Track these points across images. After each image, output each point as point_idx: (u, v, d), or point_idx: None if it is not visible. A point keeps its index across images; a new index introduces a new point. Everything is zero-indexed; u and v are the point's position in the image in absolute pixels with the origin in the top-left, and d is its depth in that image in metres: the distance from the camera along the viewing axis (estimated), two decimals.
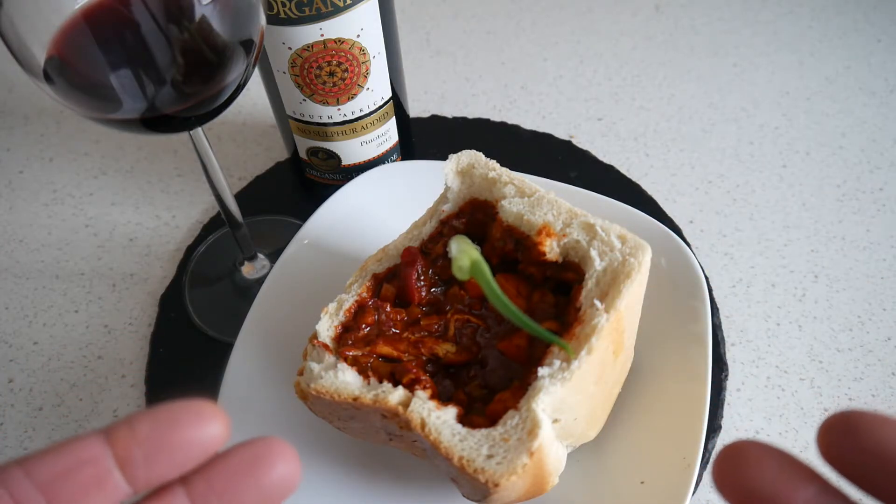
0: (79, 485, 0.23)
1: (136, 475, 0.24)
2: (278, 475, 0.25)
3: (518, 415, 0.43)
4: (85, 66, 0.46)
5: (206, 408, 0.25)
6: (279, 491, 0.25)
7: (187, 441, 0.24)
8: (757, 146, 0.81)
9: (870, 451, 0.23)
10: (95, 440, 0.24)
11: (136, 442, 0.24)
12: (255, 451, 0.25)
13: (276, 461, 0.25)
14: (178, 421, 0.24)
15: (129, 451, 0.24)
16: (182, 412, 0.24)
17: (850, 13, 0.93)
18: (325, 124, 0.66)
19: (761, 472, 0.24)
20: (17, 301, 0.74)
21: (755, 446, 0.25)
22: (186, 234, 0.78)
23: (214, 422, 0.25)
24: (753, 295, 0.70)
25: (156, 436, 0.24)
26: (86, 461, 0.24)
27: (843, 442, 0.23)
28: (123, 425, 0.24)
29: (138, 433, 0.24)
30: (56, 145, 0.87)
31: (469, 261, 0.45)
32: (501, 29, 0.96)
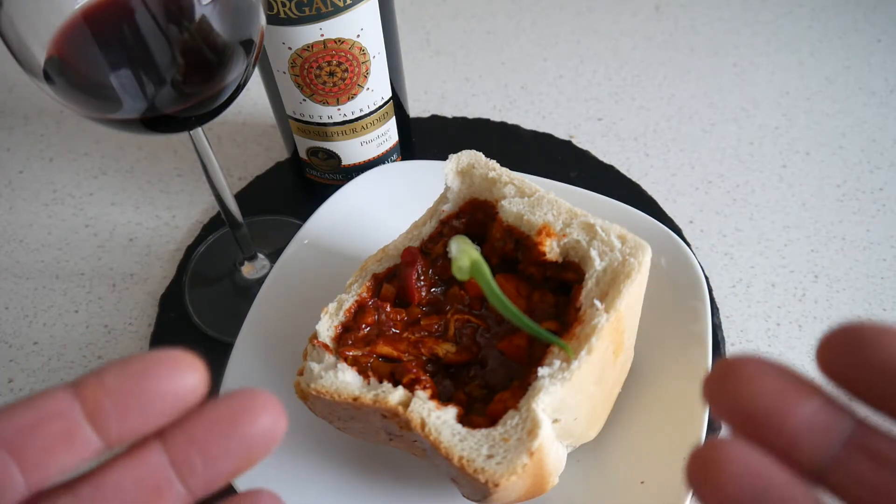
0: (46, 439, 0.22)
1: (107, 429, 0.22)
2: (262, 427, 0.23)
3: (518, 415, 0.43)
4: (85, 66, 0.46)
5: (181, 357, 0.23)
6: (264, 443, 0.24)
7: (162, 392, 0.23)
8: (757, 146, 0.81)
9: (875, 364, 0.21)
10: (63, 393, 0.22)
11: (106, 394, 0.22)
12: (238, 403, 0.24)
13: (259, 412, 0.23)
14: (151, 371, 0.23)
15: (99, 404, 0.22)
16: (155, 362, 0.23)
17: (850, 13, 0.93)
18: (325, 124, 0.66)
19: (756, 387, 0.22)
20: (17, 301, 0.74)
21: (750, 361, 0.23)
22: (186, 234, 0.78)
23: (191, 372, 0.23)
24: (753, 295, 0.70)
25: (127, 387, 0.22)
26: (53, 415, 0.22)
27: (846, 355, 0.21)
28: (92, 377, 0.23)
29: (108, 385, 0.22)
30: (56, 145, 0.87)
31: (469, 261, 0.45)
32: (501, 29, 0.96)
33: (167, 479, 0.23)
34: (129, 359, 0.23)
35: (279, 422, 0.24)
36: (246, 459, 0.24)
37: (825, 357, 0.22)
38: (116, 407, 0.22)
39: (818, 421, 0.22)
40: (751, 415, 0.22)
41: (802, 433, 0.22)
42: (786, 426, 0.22)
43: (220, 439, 0.23)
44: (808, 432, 0.22)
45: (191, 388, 0.23)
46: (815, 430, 0.22)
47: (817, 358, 0.22)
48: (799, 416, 0.22)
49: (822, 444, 0.22)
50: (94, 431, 0.22)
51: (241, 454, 0.23)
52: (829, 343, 0.22)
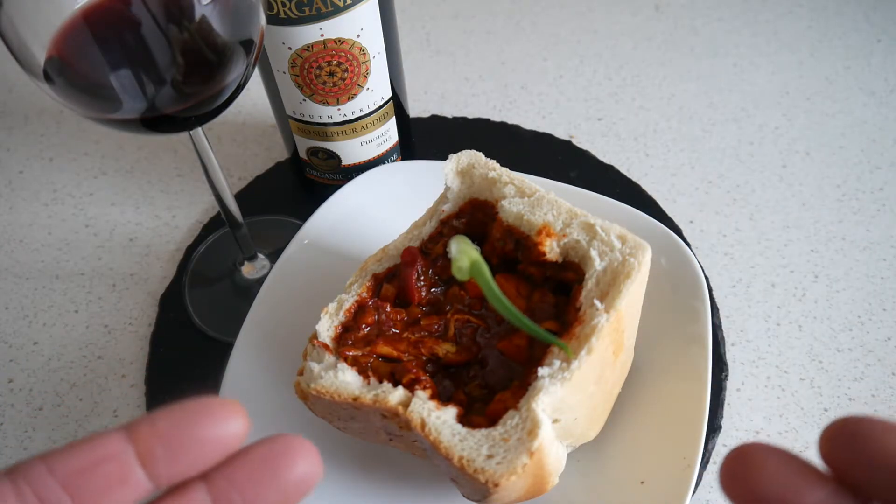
0: (102, 480, 0.23)
1: (157, 471, 0.24)
2: (299, 472, 0.25)
3: (518, 415, 0.43)
4: (85, 66, 0.46)
5: (226, 405, 0.25)
6: (300, 488, 0.25)
7: (208, 437, 0.24)
8: (757, 146, 0.81)
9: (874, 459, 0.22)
10: (117, 437, 0.24)
11: (158, 438, 0.24)
12: (277, 448, 0.25)
13: (297, 458, 0.25)
14: (199, 417, 0.24)
15: (151, 448, 0.24)
16: (203, 409, 0.24)
17: (850, 13, 0.93)
18: (325, 124, 0.66)
19: (769, 475, 0.24)
20: (17, 301, 0.74)
21: (763, 449, 0.24)
22: (186, 234, 0.78)
23: (235, 418, 0.25)
24: (753, 295, 0.70)
25: (177, 432, 0.24)
26: (108, 457, 0.24)
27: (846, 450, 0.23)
28: (145, 422, 0.24)
29: (160, 429, 0.24)
30: (56, 145, 0.87)
31: (468, 261, 0.45)
32: (501, 29, 0.96)
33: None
34: (179, 405, 0.25)
35: (315, 468, 0.26)
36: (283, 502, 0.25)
37: (827, 449, 0.23)
38: (166, 451, 0.24)
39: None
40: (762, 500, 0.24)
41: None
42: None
43: (259, 482, 0.25)
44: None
45: (234, 434, 0.25)
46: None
47: (820, 450, 0.24)
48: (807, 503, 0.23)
49: None
50: (145, 473, 0.24)
51: (278, 497, 0.25)
52: (829, 436, 0.23)
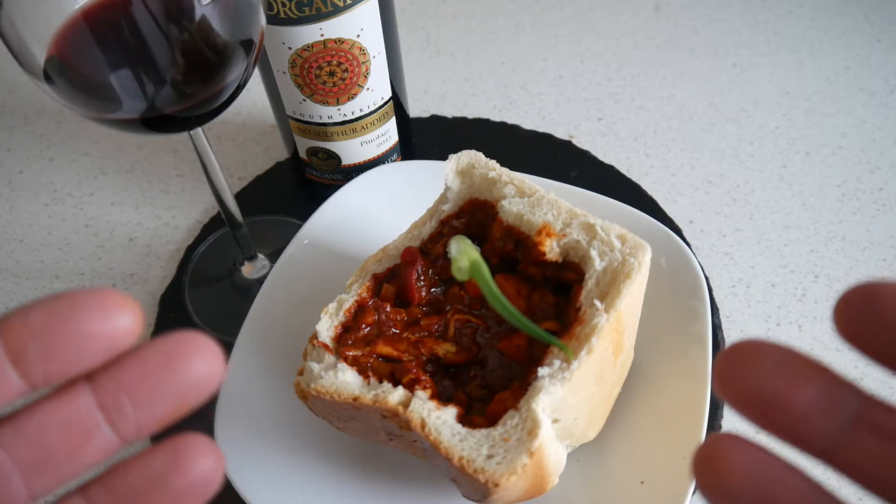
0: None
1: (31, 370, 0.21)
2: (198, 371, 0.22)
3: (518, 415, 0.43)
4: (85, 66, 0.46)
5: (112, 296, 0.22)
6: (198, 387, 0.23)
7: (90, 333, 0.21)
8: (757, 146, 0.81)
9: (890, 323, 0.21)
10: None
11: (30, 333, 0.21)
12: (171, 345, 0.22)
13: (195, 356, 0.22)
14: (79, 311, 0.21)
15: (23, 344, 0.21)
16: (84, 300, 0.21)
17: (850, 13, 0.93)
18: (325, 124, 0.66)
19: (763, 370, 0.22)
20: (17, 301, 0.74)
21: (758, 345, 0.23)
22: (186, 234, 0.78)
23: (123, 312, 0.22)
24: (753, 295, 0.70)
25: (53, 326, 0.21)
26: None
27: (864, 315, 0.21)
28: (16, 315, 0.21)
29: (32, 324, 0.21)
30: (56, 145, 0.87)
31: (468, 261, 0.45)
32: (501, 29, 0.96)
33: (94, 422, 0.22)
34: (56, 296, 0.22)
35: (215, 367, 0.23)
36: (180, 404, 0.23)
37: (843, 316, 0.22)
38: (41, 347, 0.21)
39: (825, 401, 0.22)
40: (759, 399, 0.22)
41: (810, 414, 0.22)
42: (793, 408, 0.22)
43: (152, 382, 0.22)
44: (815, 413, 0.22)
45: (123, 330, 0.22)
46: (822, 411, 0.22)
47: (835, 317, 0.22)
48: (806, 398, 0.22)
49: (829, 423, 0.22)
50: (16, 372, 0.21)
51: (174, 398, 0.22)
52: (847, 302, 0.22)
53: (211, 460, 0.23)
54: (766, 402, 0.22)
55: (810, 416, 0.22)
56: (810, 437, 0.22)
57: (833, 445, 0.22)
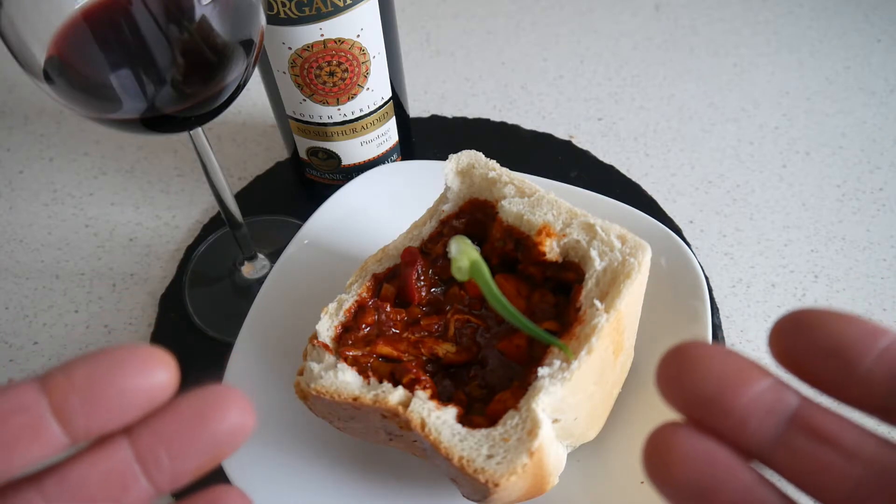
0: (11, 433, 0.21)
1: (73, 424, 0.22)
2: (230, 424, 0.23)
3: (518, 415, 0.43)
4: (85, 66, 0.46)
5: (150, 353, 0.23)
6: (231, 440, 0.23)
7: (130, 389, 0.22)
8: (757, 146, 0.81)
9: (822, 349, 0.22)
10: (29, 387, 0.22)
11: (74, 389, 0.22)
12: (206, 399, 0.23)
13: (228, 409, 0.23)
14: (120, 367, 0.22)
15: (66, 399, 0.22)
16: (124, 357, 0.22)
17: (850, 13, 0.93)
18: (325, 124, 0.66)
19: (705, 372, 0.22)
20: (17, 301, 0.74)
21: (699, 347, 0.23)
22: (186, 234, 0.78)
23: (160, 369, 0.23)
24: (753, 295, 0.70)
25: (95, 383, 0.22)
26: (18, 409, 0.22)
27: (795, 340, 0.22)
28: (59, 372, 0.22)
29: (75, 380, 0.22)
30: (56, 145, 0.87)
31: (468, 261, 0.45)
32: (501, 29, 0.96)
33: (133, 473, 0.23)
34: (98, 352, 0.22)
35: (247, 419, 0.24)
36: (213, 456, 0.23)
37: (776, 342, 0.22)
38: (83, 402, 0.22)
39: (763, 402, 0.22)
40: (700, 400, 0.22)
41: (749, 415, 0.22)
42: (733, 409, 0.22)
43: (187, 435, 0.23)
44: (753, 413, 0.22)
45: (160, 386, 0.23)
46: (760, 411, 0.22)
47: (769, 343, 0.23)
48: (745, 399, 0.22)
49: (767, 424, 0.22)
50: (59, 426, 0.22)
51: (208, 450, 0.23)
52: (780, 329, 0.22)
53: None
54: (706, 404, 0.22)
55: (750, 416, 0.22)
56: (749, 437, 0.22)
57: (770, 446, 0.22)
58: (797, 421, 0.22)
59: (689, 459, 0.22)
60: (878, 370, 0.21)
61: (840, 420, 0.22)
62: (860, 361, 0.21)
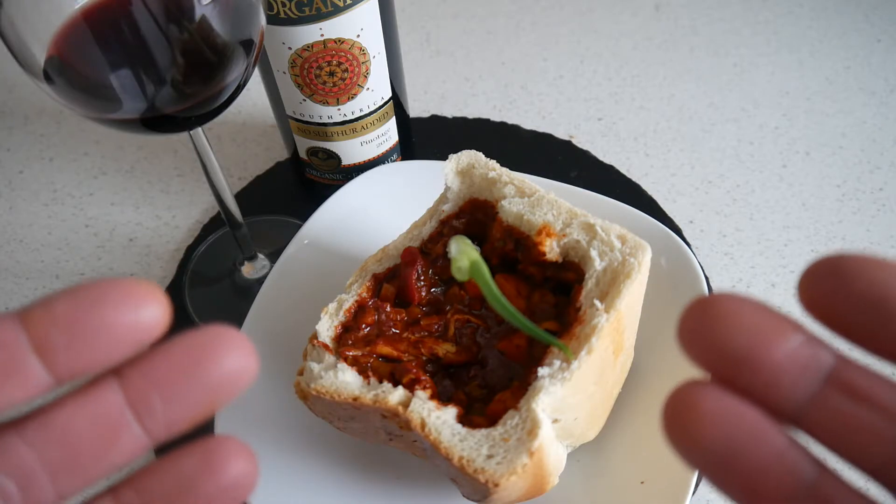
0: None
1: (56, 362, 0.20)
2: (229, 367, 0.22)
3: (518, 415, 0.43)
4: (85, 66, 0.46)
5: (138, 286, 0.21)
6: (230, 385, 0.22)
7: (117, 324, 0.20)
8: (757, 146, 0.81)
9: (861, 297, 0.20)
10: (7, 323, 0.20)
11: (56, 324, 0.20)
12: (202, 340, 0.22)
13: (227, 351, 0.22)
14: (106, 300, 0.20)
15: (48, 335, 0.20)
16: (110, 290, 0.20)
17: (850, 13, 0.93)
18: (325, 124, 0.66)
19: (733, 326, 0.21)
20: (17, 301, 0.74)
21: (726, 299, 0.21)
22: (186, 234, 0.78)
23: (150, 303, 0.21)
24: (753, 295, 0.70)
25: (78, 317, 0.20)
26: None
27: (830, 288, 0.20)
28: (40, 306, 0.20)
29: (57, 314, 0.20)
30: (56, 145, 0.87)
31: (468, 262, 0.45)
32: (501, 29, 0.96)
33: (123, 419, 0.21)
34: (81, 286, 0.21)
35: (249, 362, 0.22)
36: (211, 402, 0.22)
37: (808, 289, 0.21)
38: (66, 338, 0.20)
39: (798, 359, 0.21)
40: (728, 355, 0.21)
41: (782, 372, 0.21)
42: (764, 366, 0.21)
43: (182, 378, 0.21)
44: (787, 371, 0.21)
45: (150, 321, 0.21)
46: (794, 369, 0.21)
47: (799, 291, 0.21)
48: (778, 355, 0.21)
49: (801, 382, 0.21)
50: (42, 364, 0.20)
51: (205, 396, 0.22)
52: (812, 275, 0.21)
53: (244, 462, 0.22)
54: (735, 359, 0.21)
55: (782, 374, 0.21)
56: (781, 396, 0.21)
57: (804, 406, 0.21)
58: (834, 380, 0.21)
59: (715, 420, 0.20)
60: None
61: (880, 379, 0.20)
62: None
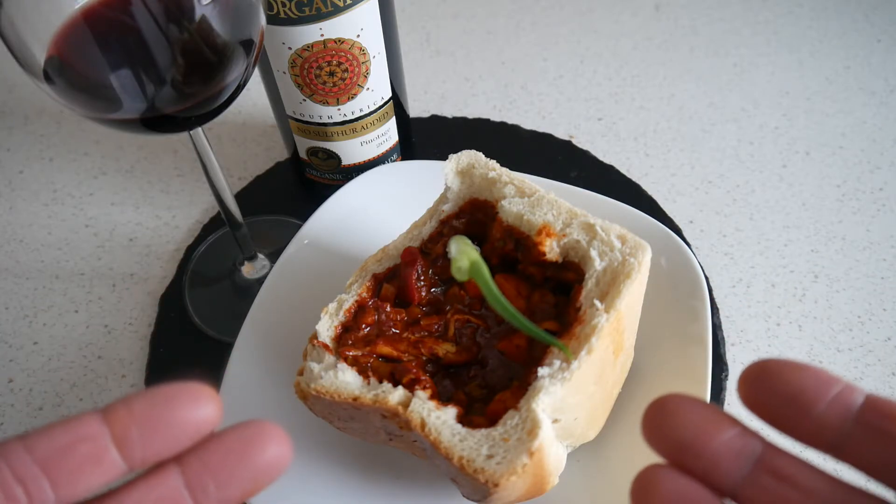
0: (77, 461, 0.24)
1: (132, 453, 0.25)
2: (270, 456, 0.26)
3: (518, 415, 0.43)
4: (85, 66, 0.46)
5: (200, 389, 0.26)
6: (271, 471, 0.26)
7: (182, 421, 0.25)
8: (757, 146, 0.81)
9: (782, 395, 0.26)
10: (93, 418, 0.25)
11: (133, 421, 0.25)
12: (249, 433, 0.26)
13: (268, 442, 0.26)
14: (174, 401, 0.25)
15: (126, 430, 0.25)
16: (178, 392, 0.25)
17: (850, 13, 0.93)
18: (325, 124, 0.66)
19: (682, 421, 0.26)
20: (17, 301, 0.74)
21: (677, 399, 0.27)
22: (186, 234, 0.78)
23: (209, 403, 0.26)
24: (753, 295, 0.70)
25: (152, 415, 0.25)
26: (84, 438, 0.24)
27: (759, 388, 0.26)
28: (121, 405, 0.25)
29: (135, 412, 0.25)
30: (56, 145, 0.87)
31: (468, 262, 0.45)
32: (501, 29, 0.96)
33: (182, 498, 0.25)
34: (155, 389, 0.25)
35: (285, 452, 0.26)
36: (254, 485, 0.26)
37: (743, 389, 0.26)
38: (141, 433, 0.25)
39: (733, 446, 0.26)
40: (678, 444, 0.26)
41: (721, 457, 0.26)
42: (705, 453, 0.26)
43: (231, 465, 0.26)
44: (724, 456, 0.26)
45: (207, 418, 0.25)
46: (730, 454, 0.26)
47: (738, 390, 0.26)
48: (717, 443, 0.26)
49: (736, 465, 0.26)
50: (119, 455, 0.25)
51: (249, 480, 0.26)
52: (745, 377, 0.26)
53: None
54: (683, 448, 0.26)
55: (721, 458, 0.26)
56: (720, 477, 0.26)
57: (739, 485, 0.26)
58: (762, 463, 0.26)
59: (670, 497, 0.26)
60: (830, 414, 0.25)
61: (798, 462, 0.26)
62: (815, 406, 0.25)
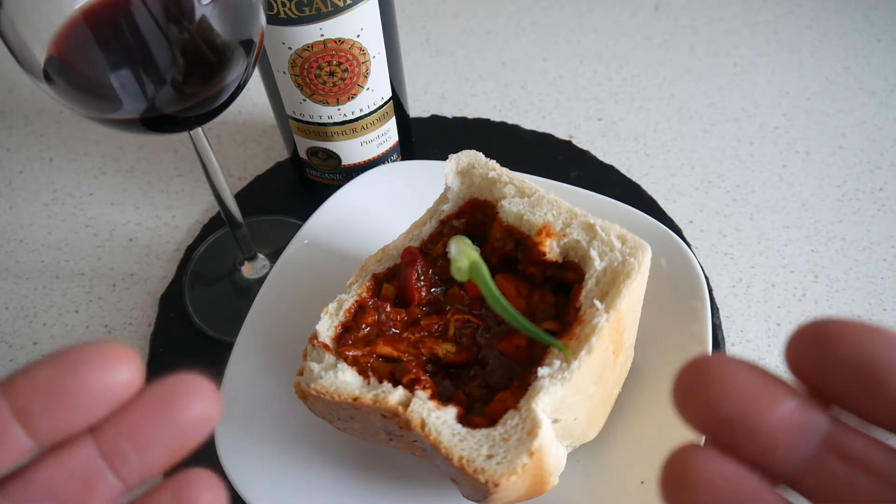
0: None
1: (37, 427, 0.22)
2: (194, 412, 0.23)
3: (518, 415, 0.43)
4: (85, 66, 0.46)
5: (113, 350, 0.22)
6: (197, 429, 0.23)
7: (93, 388, 0.22)
8: (757, 146, 0.81)
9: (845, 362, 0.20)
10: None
11: (36, 392, 0.22)
12: (167, 390, 0.23)
13: (191, 398, 0.23)
14: (82, 366, 0.22)
15: (28, 402, 0.22)
16: (86, 356, 0.22)
17: (850, 13, 0.93)
18: (325, 124, 0.66)
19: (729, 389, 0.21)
20: (17, 301, 0.74)
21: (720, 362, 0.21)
22: (186, 234, 0.78)
23: (124, 365, 0.22)
24: (753, 295, 0.70)
25: (57, 384, 0.22)
26: None
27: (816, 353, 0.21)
28: (21, 375, 0.22)
29: (38, 382, 0.22)
30: (56, 145, 0.87)
31: (468, 262, 0.45)
32: (501, 29, 0.96)
33: (98, 470, 0.23)
34: (60, 354, 0.22)
35: (212, 407, 0.23)
36: (179, 447, 0.23)
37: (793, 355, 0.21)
38: (46, 405, 0.22)
39: (793, 423, 0.21)
40: (723, 421, 0.21)
41: (777, 437, 0.21)
42: (760, 431, 0.21)
43: (151, 427, 0.23)
44: (782, 436, 0.21)
45: (124, 383, 0.22)
46: (789, 434, 0.21)
47: (786, 356, 0.21)
48: (773, 420, 0.21)
49: (796, 447, 0.21)
50: (23, 431, 0.22)
51: (173, 441, 0.23)
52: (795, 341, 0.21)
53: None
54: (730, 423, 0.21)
55: (777, 438, 0.21)
56: (776, 461, 0.21)
57: (800, 470, 0.21)
58: (829, 444, 0.21)
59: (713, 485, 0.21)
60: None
61: (876, 444, 0.21)
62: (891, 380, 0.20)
